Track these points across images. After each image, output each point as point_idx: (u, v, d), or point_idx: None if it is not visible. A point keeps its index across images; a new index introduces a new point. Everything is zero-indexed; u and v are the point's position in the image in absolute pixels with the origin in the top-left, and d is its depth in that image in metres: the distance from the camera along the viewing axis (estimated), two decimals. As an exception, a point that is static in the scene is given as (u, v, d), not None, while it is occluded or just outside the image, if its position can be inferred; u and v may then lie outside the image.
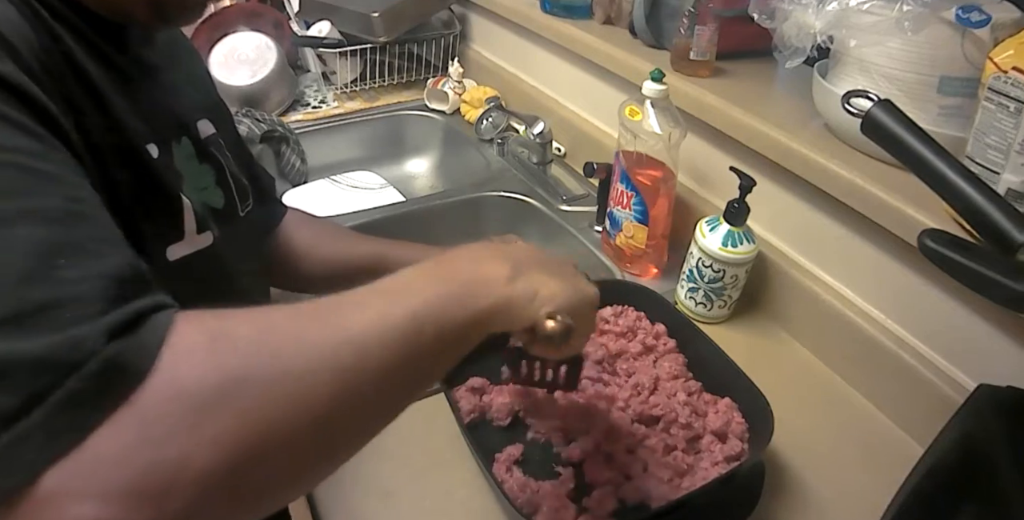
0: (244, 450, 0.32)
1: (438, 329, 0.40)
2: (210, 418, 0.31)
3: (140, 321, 0.33)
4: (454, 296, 0.43)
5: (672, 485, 0.65)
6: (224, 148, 0.68)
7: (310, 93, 1.55)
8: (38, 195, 0.35)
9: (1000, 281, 0.48)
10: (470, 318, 0.43)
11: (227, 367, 0.33)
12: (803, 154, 0.82)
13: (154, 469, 0.30)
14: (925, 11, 0.68)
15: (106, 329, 0.32)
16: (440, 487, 0.69)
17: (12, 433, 0.29)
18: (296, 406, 0.34)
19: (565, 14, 1.23)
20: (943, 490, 0.55)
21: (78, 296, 0.32)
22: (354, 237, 0.87)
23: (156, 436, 0.30)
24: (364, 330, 0.37)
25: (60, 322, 0.31)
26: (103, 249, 0.36)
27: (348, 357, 0.36)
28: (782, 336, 0.91)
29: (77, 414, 0.30)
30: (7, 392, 0.29)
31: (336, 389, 0.35)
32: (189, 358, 0.33)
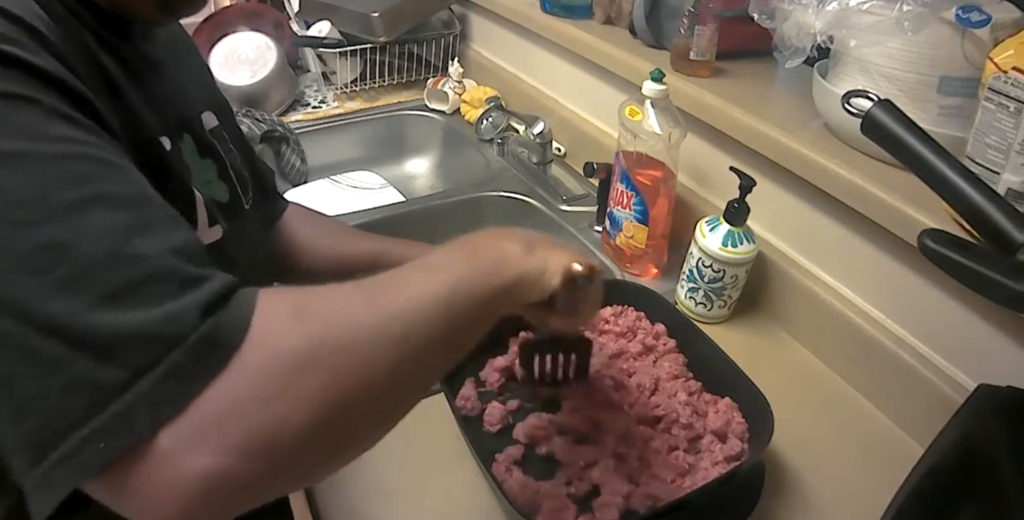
0: (331, 407, 0.36)
1: (472, 301, 0.45)
2: (302, 380, 0.35)
3: (228, 295, 0.37)
4: (481, 272, 0.47)
5: (674, 485, 0.65)
6: (228, 141, 0.68)
7: (310, 93, 1.55)
8: (102, 180, 0.37)
9: (1000, 281, 0.48)
10: (496, 290, 0.47)
11: (311, 336, 0.37)
12: (803, 154, 0.82)
13: (260, 426, 0.34)
14: (925, 11, 0.68)
15: (201, 304, 0.35)
16: (440, 487, 0.69)
17: (121, 403, 0.32)
18: (367, 369, 0.38)
19: (565, 14, 1.23)
20: (943, 490, 0.55)
21: (163, 270, 0.35)
22: (354, 234, 0.87)
23: (259, 396, 0.34)
24: (409, 303, 0.42)
25: (153, 297, 0.34)
26: (169, 225, 0.39)
27: (400, 328, 0.40)
28: (782, 336, 0.91)
29: (180, 383, 0.33)
30: (115, 366, 0.32)
31: (395, 354, 0.39)
32: (279, 329, 0.36)
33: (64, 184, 0.35)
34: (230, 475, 0.33)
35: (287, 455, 0.35)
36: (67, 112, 0.38)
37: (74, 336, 0.32)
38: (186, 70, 0.66)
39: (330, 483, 0.70)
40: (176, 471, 0.32)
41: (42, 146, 0.36)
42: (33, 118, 0.37)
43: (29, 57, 0.37)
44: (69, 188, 0.35)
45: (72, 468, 0.32)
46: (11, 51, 0.37)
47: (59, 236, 0.34)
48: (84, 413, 0.32)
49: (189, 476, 0.32)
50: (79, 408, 0.32)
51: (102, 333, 0.32)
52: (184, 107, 0.61)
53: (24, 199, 0.34)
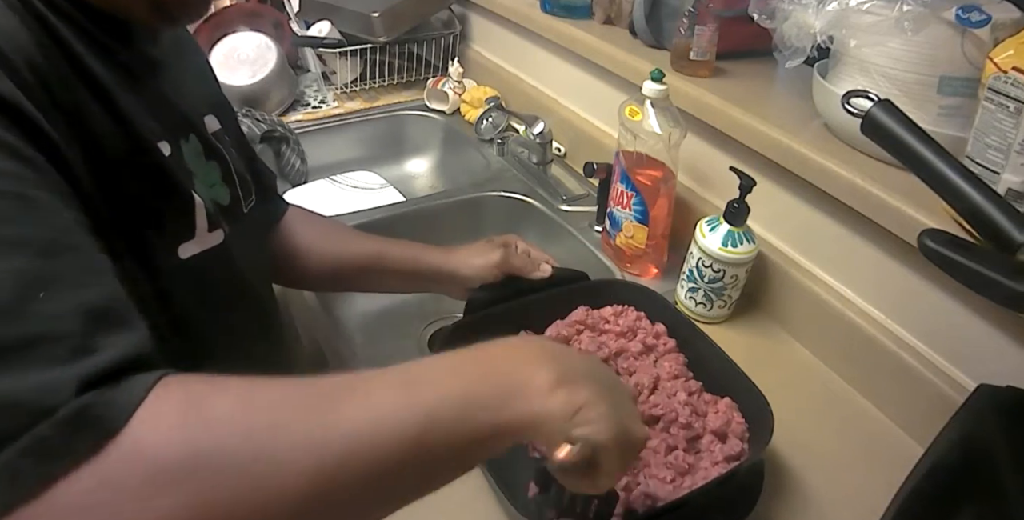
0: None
1: (450, 435, 0.36)
2: (166, 492, 0.30)
3: (119, 374, 0.32)
4: (480, 399, 0.38)
5: (674, 485, 0.65)
6: (229, 144, 0.67)
7: (310, 93, 1.55)
8: (23, 224, 0.34)
9: (1000, 281, 0.48)
10: (491, 427, 0.38)
11: (194, 442, 0.31)
12: (803, 154, 0.82)
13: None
14: (925, 11, 0.68)
15: (81, 377, 0.31)
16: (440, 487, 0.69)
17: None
18: (262, 495, 0.31)
19: (565, 14, 1.23)
20: (943, 490, 0.55)
21: (55, 332, 0.31)
22: (354, 235, 0.87)
23: (113, 501, 0.29)
24: (358, 426, 0.34)
25: (35, 361, 0.30)
26: (85, 280, 0.35)
27: (332, 453, 0.33)
28: (782, 336, 0.91)
29: (42, 460, 0.29)
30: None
31: (312, 484, 0.32)
32: (157, 426, 0.31)
33: None
34: None
35: None
36: (12, 144, 0.35)
37: None
38: (190, 72, 0.66)
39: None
40: None
41: None
42: None
43: None
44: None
45: None
46: None
47: None
48: None
49: None
50: None
51: None
52: (188, 109, 0.61)
53: None
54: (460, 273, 0.83)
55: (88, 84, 0.46)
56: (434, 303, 1.09)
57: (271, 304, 0.74)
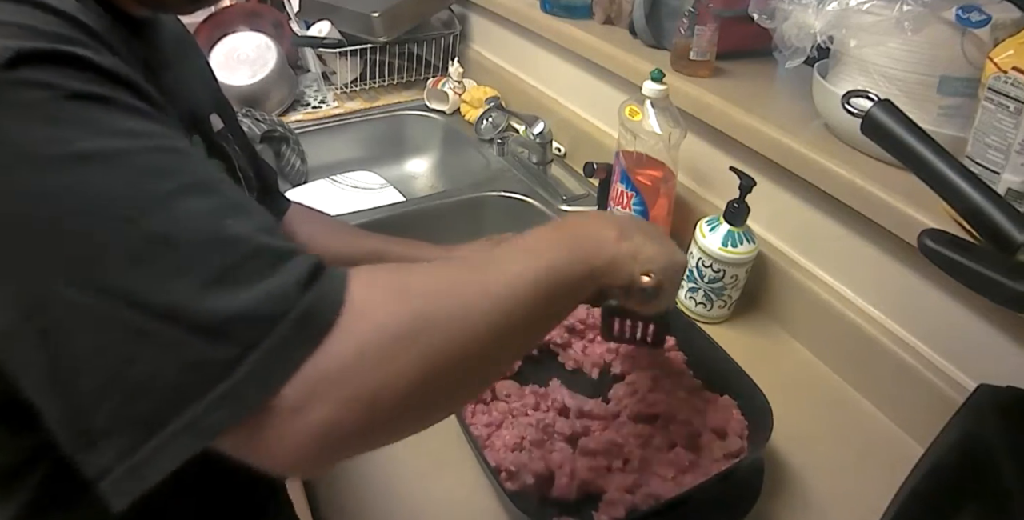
0: (429, 375, 0.39)
1: (564, 282, 0.48)
2: (405, 351, 0.38)
3: (319, 271, 0.38)
4: (575, 254, 0.50)
5: (674, 482, 0.65)
6: (232, 142, 0.68)
7: (310, 93, 1.55)
8: (186, 170, 0.39)
9: (1000, 281, 0.48)
10: (588, 272, 0.50)
11: (413, 308, 0.39)
12: (803, 154, 0.82)
13: (366, 386, 0.37)
14: (925, 11, 0.68)
15: (298, 281, 0.37)
16: (440, 487, 0.69)
17: (233, 377, 0.34)
18: (468, 342, 0.41)
19: (565, 14, 1.23)
20: (943, 490, 0.55)
21: (256, 249, 0.37)
22: (354, 232, 0.87)
23: (366, 359, 0.37)
24: (510, 281, 0.44)
25: (253, 276, 0.36)
26: (249, 205, 0.41)
27: (501, 301, 0.43)
28: (782, 336, 0.91)
29: (286, 355, 0.35)
30: (226, 345, 0.35)
31: (495, 329, 0.42)
32: (384, 303, 0.39)
33: (156, 177, 0.37)
34: (342, 427, 0.36)
35: (390, 413, 0.38)
36: (139, 107, 0.40)
37: (187, 320, 0.34)
38: (192, 71, 0.66)
39: (330, 483, 0.70)
40: (293, 422, 0.35)
41: (128, 142, 0.37)
42: (113, 116, 0.38)
43: (94, 57, 0.38)
44: (161, 180, 0.37)
45: (188, 438, 0.34)
46: (78, 52, 0.38)
47: (160, 227, 0.36)
48: (200, 389, 0.34)
49: (304, 427, 0.35)
50: (195, 385, 0.34)
51: (211, 316, 0.35)
52: (194, 108, 0.62)
53: (123, 195, 0.36)
54: None
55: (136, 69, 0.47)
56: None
57: None
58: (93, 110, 0.37)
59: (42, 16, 0.38)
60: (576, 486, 0.65)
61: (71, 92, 0.36)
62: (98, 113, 0.37)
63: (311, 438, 0.36)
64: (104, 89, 0.38)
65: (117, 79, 0.39)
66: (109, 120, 0.38)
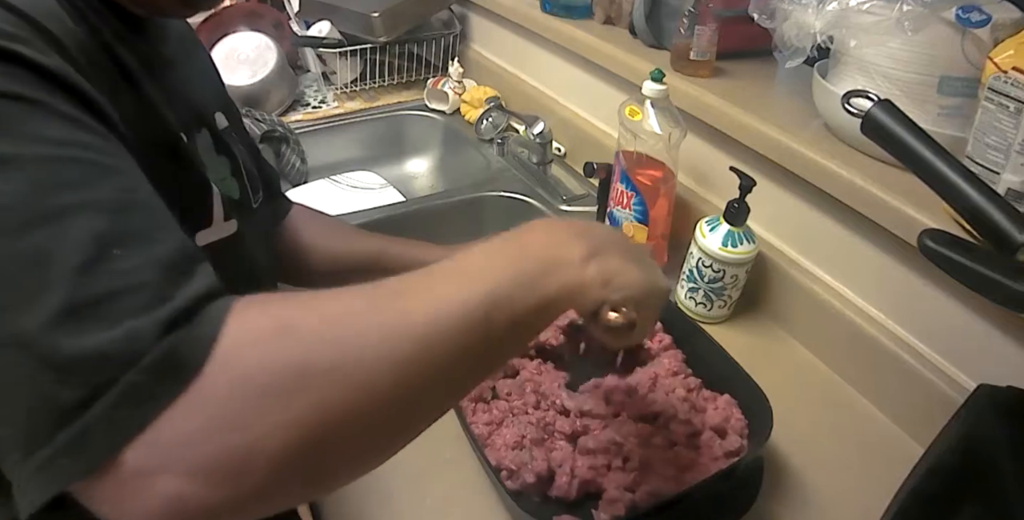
0: (312, 434, 0.33)
1: (508, 311, 0.40)
2: (277, 404, 0.33)
3: (196, 310, 0.34)
4: (525, 279, 0.42)
5: (674, 481, 0.65)
6: (237, 141, 0.68)
7: (310, 93, 1.55)
8: (95, 187, 0.36)
9: (1000, 281, 0.48)
10: (540, 302, 0.42)
11: (292, 356, 0.34)
12: (803, 154, 0.82)
13: (228, 450, 0.32)
14: (925, 11, 0.68)
15: (162, 321, 0.33)
16: (440, 488, 0.69)
17: (78, 425, 0.31)
18: (359, 393, 0.35)
19: (565, 14, 1.23)
20: (943, 490, 0.55)
21: (133, 285, 0.34)
22: (356, 233, 0.87)
23: (227, 419, 0.32)
24: (428, 318, 0.37)
25: (117, 314, 0.32)
26: (156, 235, 0.37)
27: (410, 345, 0.36)
28: (782, 336, 0.91)
29: (138, 405, 0.31)
30: (70, 386, 0.31)
31: (398, 376, 0.36)
32: (254, 348, 0.34)
33: (50, 189, 0.34)
34: (194, 499, 0.31)
35: (261, 483, 0.32)
36: (69, 113, 0.37)
37: (37, 352, 0.32)
38: (197, 70, 0.67)
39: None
40: (140, 491, 0.31)
41: (34, 149, 0.35)
42: (30, 120, 0.36)
43: (35, 56, 0.37)
44: (55, 194, 0.34)
45: (42, 481, 0.31)
46: (17, 50, 0.36)
47: (38, 244, 0.33)
48: (51, 429, 0.31)
49: (152, 497, 0.31)
50: (46, 424, 0.31)
51: (61, 352, 0.31)
52: (200, 106, 0.62)
53: (8, 205, 0.33)
54: None
55: (120, 70, 0.47)
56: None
57: None
58: (7, 111, 0.35)
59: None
60: (576, 485, 0.65)
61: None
62: (12, 114, 0.35)
63: (160, 512, 0.31)
64: (32, 90, 0.36)
65: (55, 81, 0.37)
66: (22, 123, 0.35)
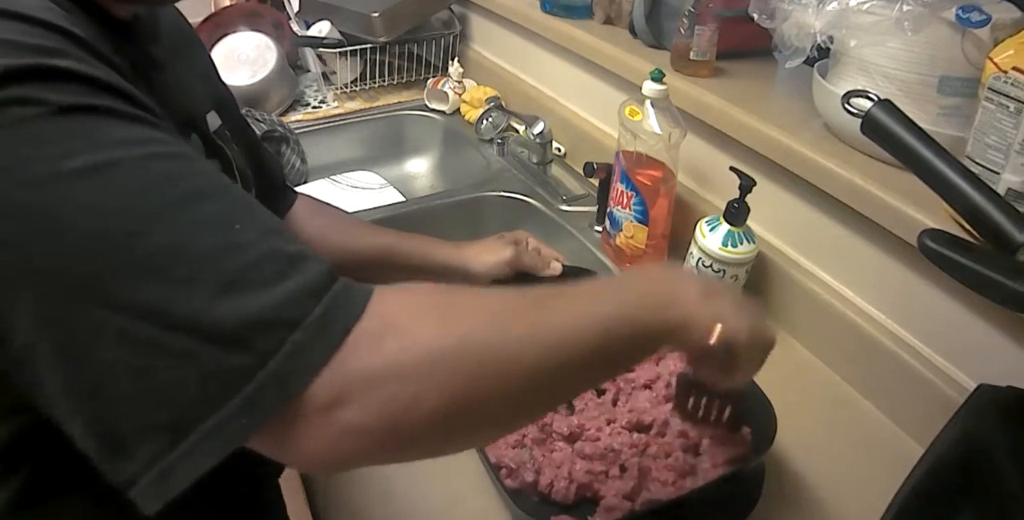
0: (462, 400, 0.38)
1: (629, 332, 0.45)
2: (440, 370, 0.37)
3: (332, 276, 0.38)
4: (649, 304, 0.47)
5: (675, 487, 0.65)
6: (230, 140, 0.67)
7: (310, 93, 1.55)
8: (188, 175, 0.39)
9: (1000, 281, 0.48)
10: (657, 326, 0.47)
11: (457, 332, 0.39)
12: (803, 154, 0.82)
13: (395, 395, 0.36)
14: (925, 11, 0.68)
15: (311, 284, 0.37)
16: (441, 488, 0.69)
17: (253, 384, 0.34)
18: (507, 376, 0.39)
19: (565, 14, 1.23)
20: (943, 490, 0.55)
21: (267, 253, 0.37)
22: (365, 228, 0.86)
23: (398, 371, 0.36)
24: (564, 324, 0.42)
25: (267, 280, 0.36)
26: (254, 206, 0.40)
27: (551, 343, 0.41)
28: (782, 336, 0.90)
29: (304, 360, 0.35)
30: (242, 353, 0.35)
31: (537, 367, 0.40)
32: (421, 319, 0.39)
33: (158, 186, 0.37)
34: (367, 433, 0.36)
35: (415, 431, 0.37)
36: (135, 113, 0.39)
37: (202, 330, 0.34)
38: (191, 69, 0.66)
39: (330, 483, 0.70)
40: (314, 429, 0.35)
41: (125, 152, 0.37)
42: (109, 126, 0.37)
43: (83, 68, 0.37)
44: (163, 189, 0.37)
45: (213, 445, 0.34)
46: (65, 65, 0.37)
47: (168, 238, 0.36)
48: (221, 397, 0.34)
49: (331, 428, 0.35)
50: (216, 393, 0.34)
51: (227, 324, 0.35)
52: (190, 108, 0.61)
53: (125, 207, 0.36)
54: (471, 269, 0.83)
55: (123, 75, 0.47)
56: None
57: None
58: (86, 122, 0.36)
59: (26, 28, 0.37)
60: (574, 490, 0.65)
61: (60, 106, 0.35)
62: (91, 125, 0.37)
63: (337, 437, 0.36)
64: (96, 99, 0.37)
65: (109, 88, 0.38)
66: (104, 131, 0.37)
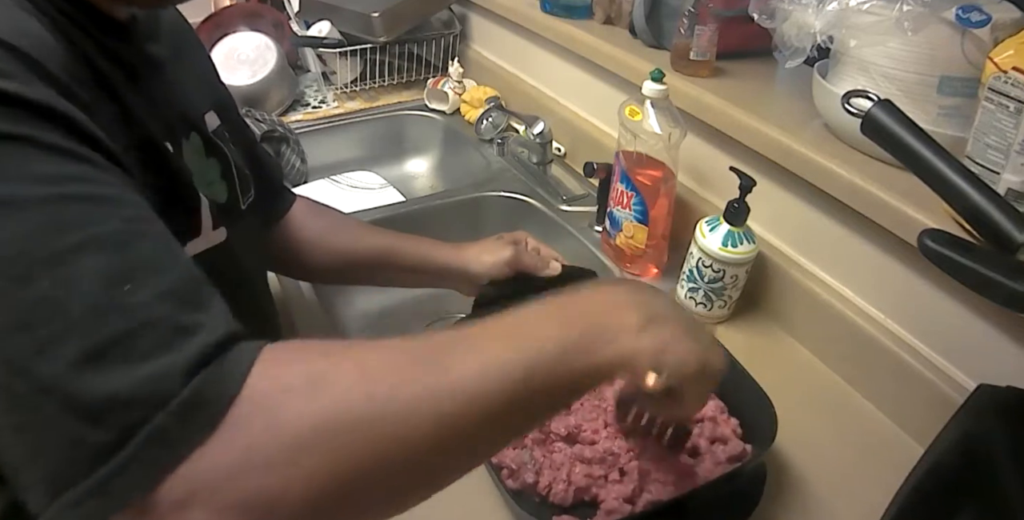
0: (339, 486, 0.33)
1: (551, 377, 0.39)
2: (306, 455, 0.33)
3: (222, 350, 0.34)
4: (575, 343, 0.41)
5: (676, 488, 0.65)
6: (228, 140, 0.67)
7: (310, 93, 1.55)
8: (96, 222, 0.36)
9: (1000, 281, 0.48)
10: (588, 367, 0.41)
11: (324, 407, 0.34)
12: (803, 154, 0.82)
13: (260, 489, 0.32)
14: (925, 11, 0.68)
15: (188, 361, 0.33)
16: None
17: (112, 464, 0.31)
18: (393, 447, 0.35)
19: (565, 14, 1.23)
20: (943, 490, 0.55)
21: (149, 322, 0.34)
22: (363, 229, 0.86)
23: (258, 463, 0.32)
24: (470, 377, 0.37)
25: (138, 354, 0.33)
26: (163, 264, 0.37)
27: (450, 404, 0.36)
28: (782, 336, 0.91)
29: (170, 444, 0.32)
30: (103, 428, 0.31)
31: (435, 434, 0.35)
32: (286, 393, 0.34)
33: (51, 232, 0.34)
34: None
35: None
36: (60, 144, 0.36)
37: (63, 397, 0.32)
38: (191, 69, 0.66)
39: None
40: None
41: (29, 190, 0.34)
42: (23, 159, 0.35)
43: (23, 91, 0.36)
44: (57, 235, 0.34)
45: (85, 511, 0.32)
46: (4, 87, 0.35)
47: (47, 290, 0.33)
48: (83, 470, 0.32)
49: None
50: (78, 465, 0.32)
51: (87, 396, 0.32)
52: (189, 107, 0.61)
53: (16, 251, 0.33)
54: (471, 270, 0.83)
55: (100, 83, 0.46)
56: (434, 302, 1.09)
57: (267, 299, 0.74)
58: (2, 152, 0.34)
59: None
60: (572, 492, 0.65)
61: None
62: (5, 156, 0.34)
63: None
64: (24, 127, 0.35)
65: (44, 114, 0.36)
66: (14, 164, 0.34)
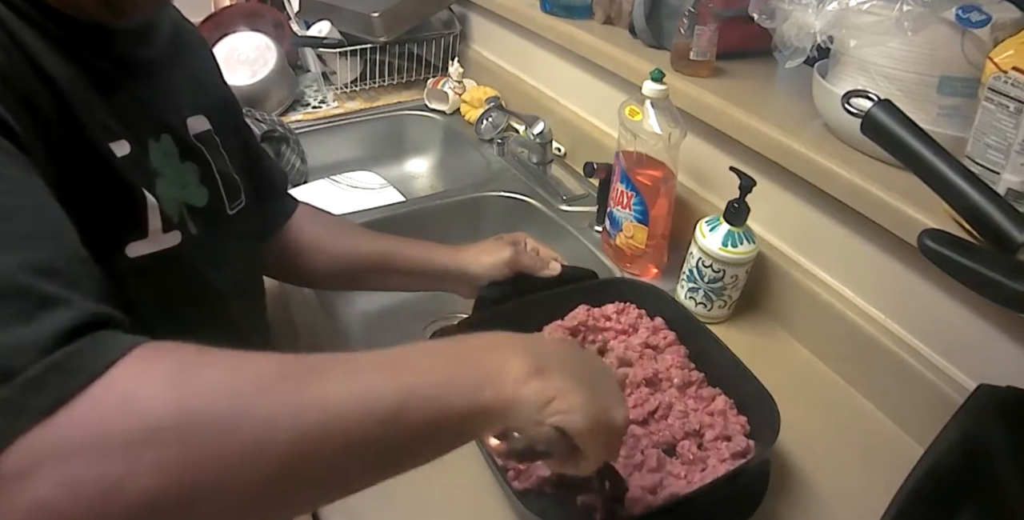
0: (186, 482, 0.32)
1: (425, 414, 0.38)
2: (158, 445, 0.32)
3: (85, 330, 0.33)
4: (456, 383, 0.40)
5: (679, 483, 0.65)
6: (218, 145, 0.66)
7: (310, 93, 1.55)
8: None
9: (1000, 281, 0.48)
10: (468, 409, 0.40)
11: (185, 400, 0.33)
12: (803, 154, 0.82)
13: (101, 473, 0.31)
14: (925, 11, 0.68)
15: (49, 335, 0.32)
16: (441, 488, 0.69)
17: None
18: (245, 454, 0.33)
19: (565, 14, 1.23)
20: (943, 490, 0.55)
21: (18, 288, 0.33)
22: (363, 234, 0.86)
23: (106, 443, 0.31)
24: (338, 395, 0.36)
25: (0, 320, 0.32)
26: (41, 242, 0.36)
27: (312, 417, 0.35)
28: (782, 336, 0.91)
29: (14, 416, 0.31)
30: None
31: (291, 449, 0.34)
32: (149, 383, 0.33)
33: None
34: (57, 511, 0.31)
35: (122, 513, 0.31)
36: None
37: None
38: (186, 72, 0.65)
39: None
40: (10, 494, 0.30)
41: None
42: None
43: None
44: None
45: None
46: None
47: None
48: None
49: (20, 501, 0.30)
50: None
51: None
52: (167, 111, 0.60)
53: None
54: (470, 271, 0.83)
55: (42, 79, 0.47)
56: (434, 303, 1.09)
57: (243, 310, 0.70)
58: None
59: None
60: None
61: None
62: None
63: (27, 514, 0.30)
64: None
65: None
66: None
